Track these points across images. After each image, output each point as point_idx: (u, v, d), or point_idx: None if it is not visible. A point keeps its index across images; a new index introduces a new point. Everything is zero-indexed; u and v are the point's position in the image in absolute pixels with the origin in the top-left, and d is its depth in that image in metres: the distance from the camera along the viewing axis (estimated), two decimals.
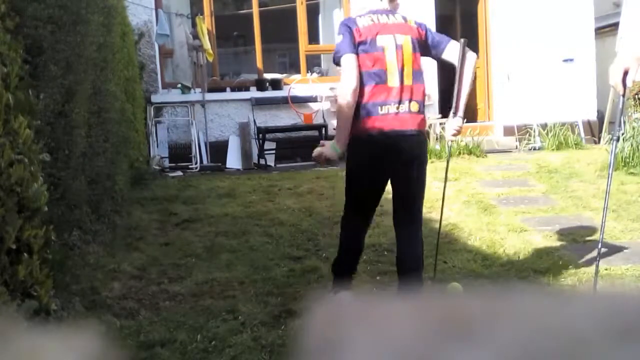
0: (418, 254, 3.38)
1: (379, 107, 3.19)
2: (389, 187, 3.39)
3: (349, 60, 3.19)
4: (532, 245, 4.58)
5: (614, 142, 3.31)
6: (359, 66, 3.20)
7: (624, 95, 3.07)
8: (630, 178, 6.55)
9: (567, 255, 4.32)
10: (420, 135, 3.31)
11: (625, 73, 3.00)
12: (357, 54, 3.21)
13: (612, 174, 3.24)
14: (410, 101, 3.24)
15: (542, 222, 5.21)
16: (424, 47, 3.38)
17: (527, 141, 9.35)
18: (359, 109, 3.20)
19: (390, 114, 3.20)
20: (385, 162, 3.25)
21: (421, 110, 3.30)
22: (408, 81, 3.25)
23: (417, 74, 3.30)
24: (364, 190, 3.38)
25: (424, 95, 3.35)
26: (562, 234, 4.85)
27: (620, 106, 3.20)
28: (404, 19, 3.42)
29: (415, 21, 3.44)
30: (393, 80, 3.22)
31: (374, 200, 3.42)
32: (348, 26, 3.26)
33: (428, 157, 3.76)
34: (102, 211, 4.80)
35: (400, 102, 3.21)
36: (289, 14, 9.84)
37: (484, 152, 8.29)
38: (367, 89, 3.20)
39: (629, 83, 3.01)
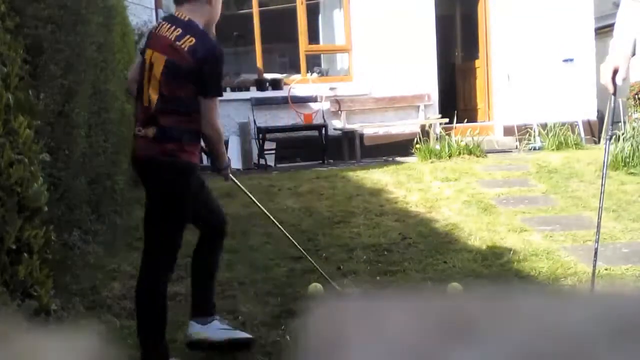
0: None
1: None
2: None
3: None
4: (532, 245, 4.58)
5: (608, 142, 3.33)
6: None
7: (614, 94, 3.07)
8: (630, 178, 6.54)
9: (567, 255, 4.32)
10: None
11: (615, 72, 3.00)
12: None
13: (606, 173, 3.25)
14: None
15: (542, 222, 5.21)
16: None
17: (527, 141, 9.35)
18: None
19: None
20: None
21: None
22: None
23: None
24: None
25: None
26: (562, 234, 4.85)
27: (613, 105, 3.20)
28: None
29: None
30: None
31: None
32: None
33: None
34: (102, 211, 4.80)
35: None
36: (289, 14, 9.84)
37: (484, 152, 8.28)
38: None
39: (618, 82, 3.01)
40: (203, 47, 2.70)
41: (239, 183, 3.41)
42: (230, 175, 3.17)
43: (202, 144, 2.94)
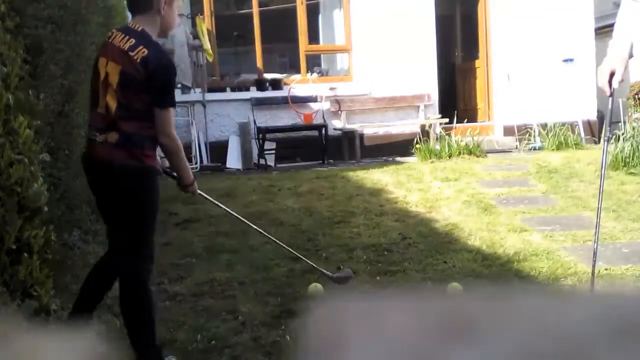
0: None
1: None
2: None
3: None
4: (532, 245, 4.58)
5: (606, 142, 3.33)
6: None
7: (611, 96, 3.07)
8: (630, 178, 6.54)
9: (567, 255, 4.32)
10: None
11: (612, 74, 3.00)
12: None
13: (605, 173, 3.26)
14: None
15: (542, 222, 5.21)
16: None
17: (527, 141, 9.35)
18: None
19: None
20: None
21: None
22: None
23: None
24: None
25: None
26: (562, 234, 4.85)
27: (611, 106, 3.20)
28: None
29: None
30: None
31: (107, 221, 2.99)
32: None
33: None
34: None
35: None
36: (289, 14, 9.84)
37: (484, 152, 8.29)
38: None
39: (615, 85, 3.01)
40: (154, 58, 2.72)
41: (210, 198, 3.38)
42: (199, 191, 3.13)
43: (160, 159, 2.93)
